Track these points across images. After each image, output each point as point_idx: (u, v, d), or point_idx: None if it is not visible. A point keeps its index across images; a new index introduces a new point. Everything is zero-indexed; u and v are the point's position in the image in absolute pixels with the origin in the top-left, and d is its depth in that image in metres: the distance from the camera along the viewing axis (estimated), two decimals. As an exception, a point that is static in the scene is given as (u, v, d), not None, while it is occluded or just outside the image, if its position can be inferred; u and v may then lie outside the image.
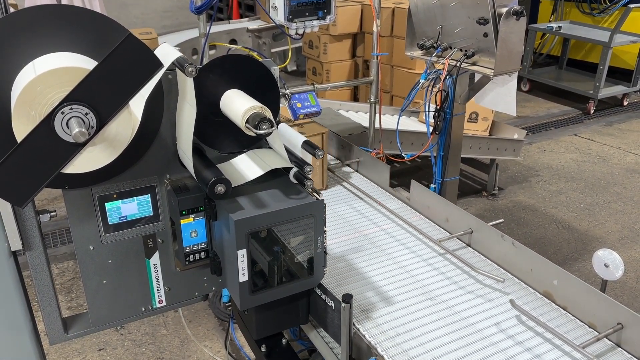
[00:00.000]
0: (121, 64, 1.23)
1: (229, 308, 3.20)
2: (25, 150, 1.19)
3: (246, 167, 1.59)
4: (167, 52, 1.35)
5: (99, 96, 1.22)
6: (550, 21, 7.68)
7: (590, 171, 5.19)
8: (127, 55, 1.24)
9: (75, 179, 1.39)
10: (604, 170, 5.20)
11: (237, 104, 1.43)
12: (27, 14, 1.24)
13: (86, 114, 1.21)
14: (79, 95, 1.19)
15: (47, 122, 1.18)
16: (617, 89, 6.74)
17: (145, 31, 5.26)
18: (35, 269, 1.52)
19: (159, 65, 1.29)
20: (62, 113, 1.19)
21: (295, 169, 1.58)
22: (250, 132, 1.37)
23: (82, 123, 1.20)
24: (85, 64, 1.24)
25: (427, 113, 2.91)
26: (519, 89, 7.25)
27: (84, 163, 1.27)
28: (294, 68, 7.75)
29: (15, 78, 1.26)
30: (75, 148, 1.23)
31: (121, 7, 8.33)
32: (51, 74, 1.18)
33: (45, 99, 1.19)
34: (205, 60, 2.72)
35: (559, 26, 6.95)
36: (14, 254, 1.47)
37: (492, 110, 4.54)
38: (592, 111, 6.59)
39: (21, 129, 1.20)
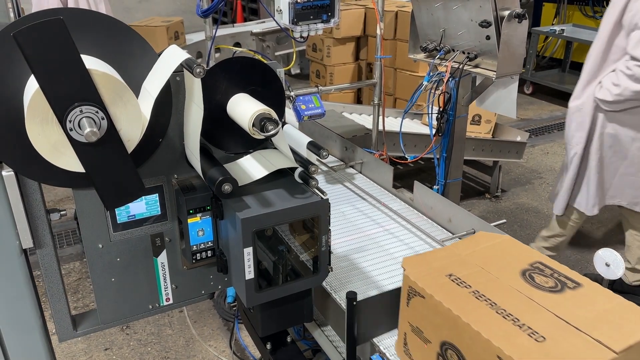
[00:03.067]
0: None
1: (234, 308, 3.23)
2: (99, 166, 1.26)
3: (252, 167, 1.62)
4: (175, 54, 1.37)
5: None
6: (553, 24, 7.69)
7: (593, 173, 5.20)
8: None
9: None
10: (606, 173, 5.20)
11: (243, 108, 1.46)
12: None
13: (96, 112, 1.23)
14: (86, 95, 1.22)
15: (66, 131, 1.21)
16: (620, 92, 6.74)
17: (167, 19, 5.44)
18: (45, 267, 1.55)
19: (156, 56, 1.38)
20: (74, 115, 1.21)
21: (300, 169, 1.61)
22: (257, 136, 1.40)
23: (93, 123, 1.22)
24: (89, 63, 1.27)
25: (430, 115, 2.93)
26: (522, 91, 7.28)
27: None
28: (298, 71, 7.79)
29: (26, 84, 1.29)
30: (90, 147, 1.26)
31: (125, 11, 8.38)
32: None
33: None
34: (211, 63, 2.76)
35: (561, 29, 6.97)
36: (25, 252, 1.50)
37: (495, 113, 4.56)
38: (594, 114, 6.59)
39: (35, 133, 1.23)
